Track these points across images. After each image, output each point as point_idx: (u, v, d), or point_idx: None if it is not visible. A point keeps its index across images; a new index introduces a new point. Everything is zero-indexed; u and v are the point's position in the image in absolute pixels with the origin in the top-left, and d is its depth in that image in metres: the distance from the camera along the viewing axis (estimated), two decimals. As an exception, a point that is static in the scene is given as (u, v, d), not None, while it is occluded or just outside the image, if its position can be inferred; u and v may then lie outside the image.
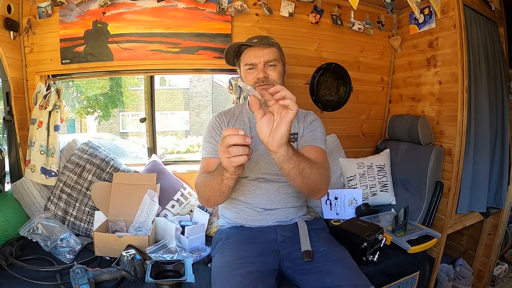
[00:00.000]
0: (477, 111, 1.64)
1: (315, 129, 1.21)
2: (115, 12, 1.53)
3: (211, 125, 1.22)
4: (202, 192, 1.03)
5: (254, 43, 1.13)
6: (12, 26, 1.42)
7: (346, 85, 1.96)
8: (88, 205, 1.43)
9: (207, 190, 0.99)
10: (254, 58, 1.13)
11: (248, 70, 1.15)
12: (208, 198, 1.02)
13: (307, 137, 1.18)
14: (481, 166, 1.67)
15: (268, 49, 1.14)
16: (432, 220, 1.63)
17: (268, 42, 1.15)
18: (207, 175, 1.00)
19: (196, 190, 1.08)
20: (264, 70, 1.13)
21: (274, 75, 1.14)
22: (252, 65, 1.14)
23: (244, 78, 1.18)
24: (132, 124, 9.13)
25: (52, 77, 1.58)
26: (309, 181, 0.93)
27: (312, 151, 1.11)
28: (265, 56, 1.13)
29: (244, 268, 0.93)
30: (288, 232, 1.14)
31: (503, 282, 2.09)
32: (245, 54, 1.16)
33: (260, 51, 1.13)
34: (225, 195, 0.98)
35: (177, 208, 1.55)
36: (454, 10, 1.56)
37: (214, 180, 0.93)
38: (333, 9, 1.85)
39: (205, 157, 1.16)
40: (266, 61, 1.13)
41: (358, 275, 0.95)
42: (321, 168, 0.99)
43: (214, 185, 0.94)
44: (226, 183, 0.89)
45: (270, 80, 1.13)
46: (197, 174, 1.12)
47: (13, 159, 1.54)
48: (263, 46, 1.13)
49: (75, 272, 0.97)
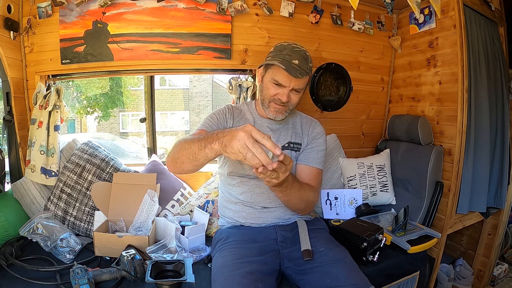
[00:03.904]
0: (477, 111, 1.64)
1: (318, 146, 1.23)
2: (115, 12, 1.53)
3: (220, 110, 1.24)
4: (176, 149, 0.98)
5: (293, 68, 1.06)
6: (12, 26, 1.42)
7: (346, 85, 1.95)
8: (88, 205, 1.43)
9: (183, 149, 0.94)
10: (287, 81, 1.08)
11: (273, 85, 1.12)
12: (177, 157, 0.96)
13: (308, 154, 1.21)
14: (481, 166, 1.67)
15: (302, 79, 1.09)
16: (432, 220, 1.63)
17: (306, 69, 1.09)
18: (192, 137, 0.95)
19: (172, 147, 1.02)
20: (289, 95, 1.11)
21: (294, 100, 1.14)
22: (280, 85, 1.10)
23: (266, 88, 1.15)
24: (132, 124, 9.14)
25: (52, 77, 1.58)
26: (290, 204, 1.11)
27: (308, 171, 1.17)
28: (297, 84, 1.09)
29: (245, 268, 0.93)
30: (288, 232, 1.15)
31: (503, 282, 2.09)
32: (279, 70, 1.08)
33: (295, 78, 1.08)
34: (196, 163, 0.91)
35: (177, 208, 1.55)
36: (454, 10, 1.56)
37: (196, 143, 0.88)
38: (333, 9, 1.85)
39: (200, 128, 1.16)
40: (294, 88, 1.10)
41: (358, 275, 0.95)
42: (308, 192, 1.12)
43: (193, 147, 0.89)
44: (207, 152, 0.84)
45: (289, 103, 1.14)
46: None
47: (13, 159, 1.54)
48: (300, 75, 1.07)
49: (75, 272, 0.97)
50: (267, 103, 1.16)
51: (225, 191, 1.26)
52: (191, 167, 0.95)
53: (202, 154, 0.86)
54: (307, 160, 1.19)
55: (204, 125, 1.18)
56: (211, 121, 1.19)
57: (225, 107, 1.26)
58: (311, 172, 1.18)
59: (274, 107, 1.14)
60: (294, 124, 1.26)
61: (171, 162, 1.00)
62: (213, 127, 1.16)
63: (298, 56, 1.09)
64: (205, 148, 0.85)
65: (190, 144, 0.90)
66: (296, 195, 1.05)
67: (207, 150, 0.84)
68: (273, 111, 1.15)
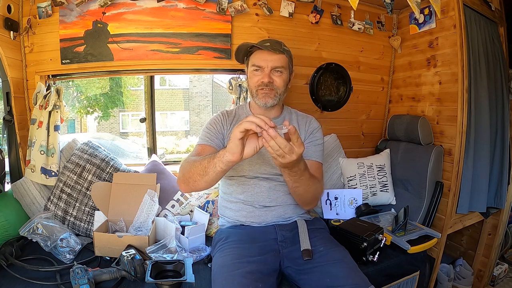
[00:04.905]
0: (477, 111, 1.64)
1: (316, 140, 1.23)
2: (115, 12, 1.53)
3: (214, 118, 1.25)
4: (185, 170, 1.01)
5: (265, 46, 1.13)
6: (12, 26, 1.42)
7: (346, 85, 1.96)
8: (88, 205, 1.43)
9: (193, 168, 0.97)
10: (263, 61, 1.15)
11: (254, 71, 1.17)
12: (189, 177, 0.98)
13: (307, 149, 1.20)
14: (481, 166, 1.67)
15: (277, 55, 1.14)
16: (432, 220, 1.63)
17: (280, 48, 1.15)
18: (198, 157, 0.99)
19: (180, 169, 1.05)
20: (270, 75, 1.14)
21: (278, 82, 1.16)
22: (259, 68, 1.16)
23: (250, 78, 1.21)
24: (132, 124, 9.12)
25: (52, 77, 1.58)
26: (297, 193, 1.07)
27: (309, 165, 1.15)
28: (273, 61, 1.14)
29: (245, 267, 0.93)
30: (288, 231, 1.15)
31: (503, 282, 2.09)
32: (255, 55, 1.18)
33: (270, 56, 1.14)
34: (208, 178, 0.93)
35: (177, 208, 1.55)
36: (454, 10, 1.56)
37: (204, 160, 0.93)
38: (333, 9, 1.85)
39: (200, 143, 1.17)
40: (273, 66, 1.14)
41: (358, 275, 0.95)
42: (316, 184, 1.09)
43: (203, 163, 0.93)
44: (217, 165, 0.88)
45: (274, 86, 1.16)
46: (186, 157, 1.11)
47: (13, 159, 1.54)
48: (273, 51, 1.13)
49: (75, 272, 0.97)
50: (255, 92, 1.19)
51: (225, 191, 1.26)
52: (203, 184, 0.97)
53: (212, 166, 0.90)
54: (306, 155, 1.18)
55: (203, 139, 1.18)
56: (210, 133, 1.19)
57: (219, 114, 1.27)
58: (312, 166, 1.16)
59: (261, 93, 1.17)
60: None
61: (183, 184, 1.03)
62: (213, 139, 1.17)
63: (269, 40, 1.19)
64: (213, 160, 0.89)
65: (199, 161, 0.95)
66: (305, 183, 1.02)
67: (216, 161, 0.88)
68: (262, 97, 1.17)
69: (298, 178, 0.99)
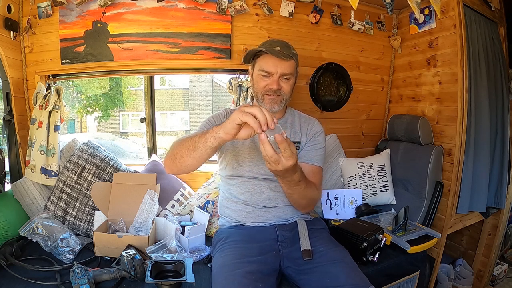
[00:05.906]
0: (477, 111, 1.64)
1: (317, 144, 1.23)
2: (115, 12, 1.53)
3: (218, 114, 1.26)
4: (174, 146, 0.99)
5: (276, 52, 1.10)
6: (12, 26, 1.42)
7: (346, 85, 1.95)
8: (88, 205, 1.43)
9: (182, 143, 0.95)
10: (272, 67, 1.12)
11: (262, 76, 1.15)
12: (176, 152, 0.96)
13: (308, 152, 1.20)
14: (481, 166, 1.67)
15: (288, 62, 1.12)
16: (432, 220, 1.63)
17: (290, 53, 1.13)
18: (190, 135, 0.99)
19: (170, 148, 1.03)
20: (278, 82, 1.13)
21: (286, 88, 1.15)
22: (268, 73, 1.13)
23: (256, 82, 1.18)
24: (132, 124, 9.13)
25: (52, 77, 1.58)
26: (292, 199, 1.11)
27: (309, 169, 1.16)
28: (283, 68, 1.12)
29: (245, 267, 0.93)
30: (288, 231, 1.15)
31: (503, 282, 2.09)
32: (264, 59, 1.14)
33: (280, 63, 1.11)
34: (196, 154, 0.91)
35: (177, 208, 1.55)
36: (454, 10, 1.56)
37: (196, 135, 0.92)
38: (333, 9, 1.85)
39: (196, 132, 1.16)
40: (282, 73, 1.12)
41: (358, 275, 0.95)
42: (313, 191, 1.10)
43: (194, 138, 0.91)
44: (207, 138, 0.87)
45: (281, 92, 1.15)
46: None
47: (13, 159, 1.54)
48: (284, 57, 1.10)
49: (75, 272, 0.97)
50: (261, 96, 1.18)
51: (225, 191, 1.26)
52: (190, 160, 0.94)
53: (203, 143, 0.88)
54: (307, 158, 1.19)
55: (201, 128, 1.18)
56: (209, 124, 1.20)
57: (223, 110, 1.28)
58: (311, 170, 1.17)
59: (268, 99, 1.16)
60: (293, 123, 1.26)
61: (169, 160, 1.00)
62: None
63: (279, 44, 1.14)
64: (205, 134, 0.88)
65: (189, 138, 0.94)
66: (300, 192, 1.04)
67: (208, 135, 0.87)
68: (268, 102, 1.16)
69: (292, 187, 1.01)
